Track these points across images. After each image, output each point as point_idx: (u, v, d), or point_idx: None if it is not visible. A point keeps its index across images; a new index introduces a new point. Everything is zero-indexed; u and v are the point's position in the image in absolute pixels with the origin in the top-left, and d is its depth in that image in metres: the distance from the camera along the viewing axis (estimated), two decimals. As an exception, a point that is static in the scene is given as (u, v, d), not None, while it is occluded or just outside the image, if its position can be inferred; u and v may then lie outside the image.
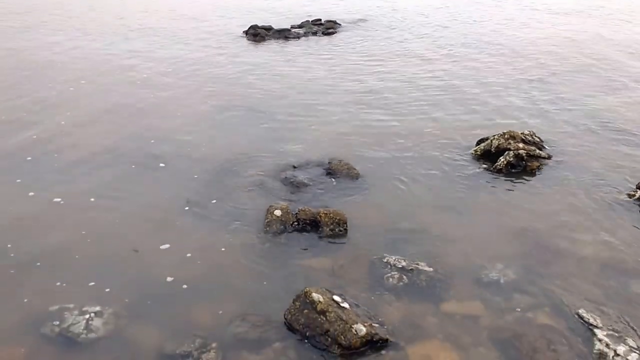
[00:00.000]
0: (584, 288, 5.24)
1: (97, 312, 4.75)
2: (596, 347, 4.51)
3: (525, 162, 7.48)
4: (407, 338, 4.65)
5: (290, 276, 5.39)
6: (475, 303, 5.08)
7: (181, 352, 4.39)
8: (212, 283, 5.28)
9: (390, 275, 5.38)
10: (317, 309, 4.66)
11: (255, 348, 4.52)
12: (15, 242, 5.68)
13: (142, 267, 5.46)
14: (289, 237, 6.00)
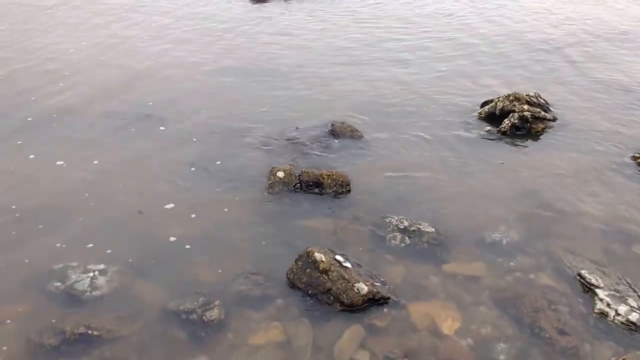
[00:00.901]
0: (586, 249, 5.24)
1: (101, 270, 4.77)
2: (597, 307, 4.53)
3: (530, 124, 7.39)
4: (408, 297, 4.67)
5: (292, 236, 5.39)
6: (477, 264, 5.08)
7: (185, 308, 4.41)
8: (215, 243, 5.29)
9: (393, 236, 5.38)
10: (320, 268, 4.67)
11: (257, 305, 4.55)
12: (18, 203, 5.67)
13: (145, 227, 5.46)
14: (291, 199, 5.98)
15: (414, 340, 4.26)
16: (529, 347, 4.21)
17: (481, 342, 4.26)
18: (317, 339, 4.24)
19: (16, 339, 4.09)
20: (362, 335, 4.29)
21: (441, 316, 4.48)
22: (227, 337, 4.25)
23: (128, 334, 4.21)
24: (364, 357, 4.11)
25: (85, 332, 4.14)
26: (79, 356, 3.99)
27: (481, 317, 4.50)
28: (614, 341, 4.26)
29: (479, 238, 5.40)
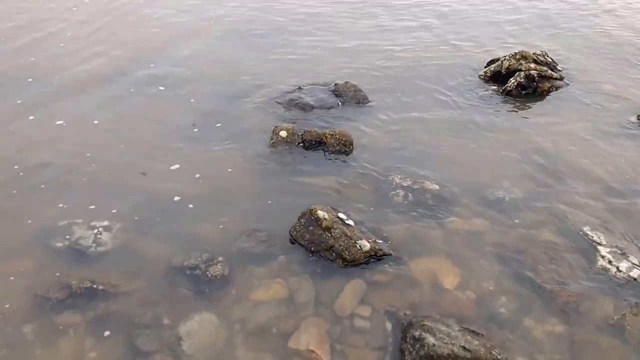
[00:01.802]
0: (589, 207, 5.23)
1: (105, 227, 4.80)
2: (598, 263, 4.54)
3: (536, 83, 7.29)
4: (410, 253, 4.69)
5: (295, 195, 5.38)
6: (480, 220, 5.08)
7: (189, 264, 4.45)
8: (218, 201, 5.29)
9: (396, 194, 5.38)
10: (322, 225, 4.68)
11: (260, 262, 4.58)
12: (19, 163, 5.66)
13: (149, 187, 5.45)
14: (294, 158, 5.96)
15: (415, 295, 4.30)
16: (530, 301, 4.24)
17: (482, 296, 4.29)
18: (319, 295, 4.28)
19: (22, 294, 4.14)
20: (364, 290, 4.33)
21: (442, 271, 4.51)
22: (231, 292, 4.29)
23: (133, 288, 4.26)
24: (365, 312, 4.15)
25: (91, 287, 4.19)
26: (84, 310, 4.04)
27: (482, 272, 4.52)
28: (615, 296, 4.28)
29: (482, 195, 5.39)
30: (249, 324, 4.03)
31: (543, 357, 3.83)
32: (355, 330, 4.00)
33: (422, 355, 3.55)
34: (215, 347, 3.83)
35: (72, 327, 3.91)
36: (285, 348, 3.83)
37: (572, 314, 4.14)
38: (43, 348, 3.75)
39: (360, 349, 3.86)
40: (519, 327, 4.03)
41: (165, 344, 3.82)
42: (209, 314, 4.07)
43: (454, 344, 3.59)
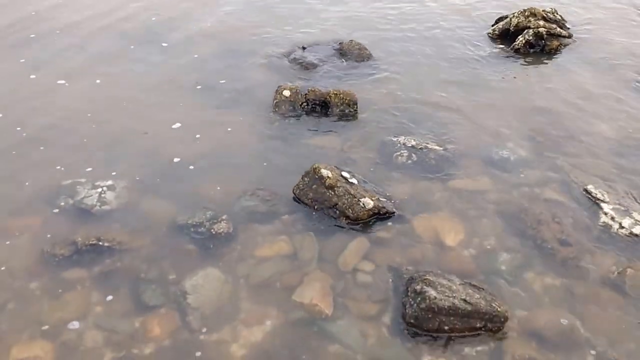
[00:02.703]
0: (594, 165, 5.27)
1: (109, 186, 4.88)
2: (601, 220, 4.61)
3: (545, 41, 7.25)
4: (413, 211, 4.77)
5: (298, 154, 5.44)
6: (484, 179, 5.14)
7: (193, 222, 4.54)
8: (222, 161, 5.35)
9: (400, 154, 5.42)
10: (326, 184, 4.74)
11: (264, 220, 4.66)
12: (22, 124, 5.73)
13: (152, 147, 5.51)
14: (297, 117, 6.00)
15: (418, 252, 4.39)
16: (531, 258, 4.33)
17: (483, 253, 4.38)
18: (322, 251, 4.37)
19: (29, 250, 4.25)
20: (367, 247, 4.42)
21: (445, 229, 4.59)
22: (235, 249, 4.39)
23: (138, 245, 4.36)
24: (367, 267, 4.25)
25: (97, 244, 4.29)
26: (90, 266, 4.15)
27: (485, 229, 4.60)
28: (617, 252, 4.36)
29: (486, 155, 5.44)
30: (253, 279, 4.13)
31: (543, 310, 3.93)
32: (358, 284, 4.10)
33: (423, 307, 3.66)
34: (220, 301, 3.95)
35: (78, 283, 4.03)
36: (289, 302, 3.94)
37: (573, 269, 4.23)
38: (51, 302, 3.87)
39: (363, 302, 3.97)
40: (519, 282, 4.13)
41: (171, 298, 3.94)
42: (214, 270, 4.18)
43: (454, 297, 3.69)
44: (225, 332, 3.74)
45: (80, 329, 3.69)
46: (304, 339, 3.71)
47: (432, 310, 3.65)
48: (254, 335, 3.73)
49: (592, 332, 3.79)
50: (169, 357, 3.55)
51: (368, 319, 3.86)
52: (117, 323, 3.75)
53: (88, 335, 3.66)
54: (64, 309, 3.82)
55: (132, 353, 3.56)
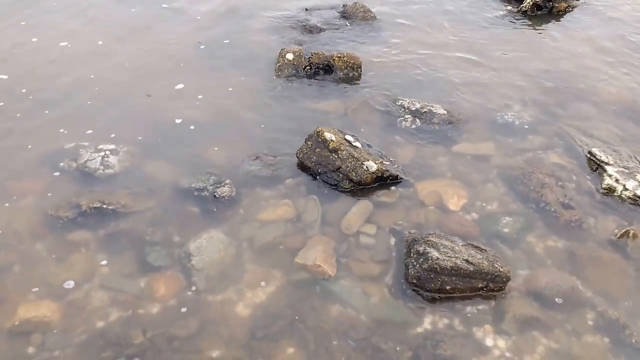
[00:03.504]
0: (600, 129, 5.30)
1: (112, 150, 4.93)
2: (605, 182, 4.66)
3: (553, 2, 7.19)
4: (417, 176, 4.82)
5: (302, 118, 5.47)
6: (488, 144, 5.18)
7: (196, 186, 4.59)
8: (225, 124, 5.39)
9: (404, 118, 5.45)
10: (329, 147, 4.78)
11: (267, 184, 4.72)
12: (25, 86, 5.75)
13: (155, 109, 5.54)
14: (301, 81, 6.01)
15: (421, 215, 4.45)
16: (533, 221, 4.39)
17: (486, 216, 4.44)
18: (325, 215, 4.44)
19: (33, 213, 4.32)
20: (370, 210, 4.48)
21: (448, 193, 4.64)
22: (238, 212, 4.46)
23: (142, 208, 4.43)
24: (370, 230, 4.31)
25: (101, 207, 4.36)
26: (95, 228, 4.23)
27: (488, 194, 4.65)
28: (619, 215, 4.43)
29: (491, 119, 5.46)
30: (256, 242, 4.21)
31: (544, 271, 4.02)
32: (361, 246, 4.18)
33: (426, 268, 3.74)
34: (224, 263, 4.03)
35: (83, 245, 4.11)
36: (292, 264, 4.03)
37: (575, 232, 4.30)
38: (57, 263, 3.96)
39: (365, 263, 4.05)
40: (521, 244, 4.21)
41: (176, 260, 4.03)
42: (218, 232, 4.25)
43: (457, 257, 3.77)
44: (229, 292, 3.84)
45: (86, 289, 3.79)
46: (307, 299, 3.80)
47: (434, 271, 3.73)
48: (258, 296, 3.82)
49: (593, 292, 3.88)
50: (175, 316, 3.64)
51: (371, 280, 3.95)
52: (123, 283, 3.85)
53: (94, 295, 3.76)
54: (69, 270, 3.91)
55: (138, 313, 3.66)
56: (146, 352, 3.40)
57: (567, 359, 3.51)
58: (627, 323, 3.69)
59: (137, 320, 3.60)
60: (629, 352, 3.56)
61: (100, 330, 3.52)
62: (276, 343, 3.53)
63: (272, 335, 3.57)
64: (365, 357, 3.45)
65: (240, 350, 3.47)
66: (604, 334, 3.66)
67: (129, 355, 3.38)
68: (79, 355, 3.37)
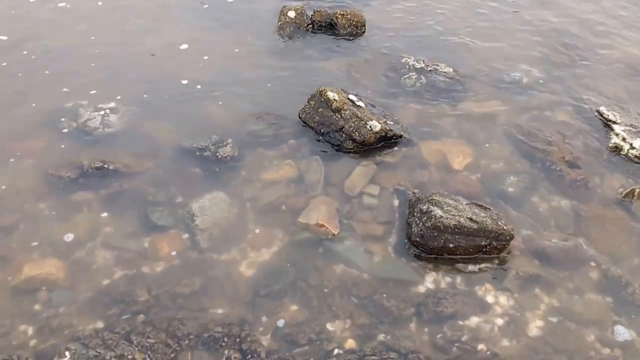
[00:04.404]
0: (608, 88, 5.29)
1: (112, 109, 4.96)
2: (612, 141, 4.68)
3: (564, -42, 7.06)
4: (421, 135, 4.84)
5: (304, 77, 5.46)
6: (494, 102, 5.18)
7: (198, 146, 4.63)
8: (227, 84, 5.40)
9: (408, 76, 5.44)
10: (332, 106, 4.79)
11: (270, 144, 4.76)
12: (24, 47, 5.74)
13: (157, 69, 5.55)
14: (303, 40, 5.98)
15: (424, 175, 4.49)
16: (539, 180, 4.44)
17: (491, 175, 4.49)
18: (328, 175, 4.49)
19: (35, 172, 4.38)
20: (373, 170, 4.52)
21: (453, 153, 4.68)
22: (241, 173, 4.51)
23: (144, 168, 4.48)
24: (373, 191, 4.37)
25: (102, 167, 4.41)
26: (97, 188, 4.29)
27: (493, 153, 4.69)
28: (625, 173, 4.47)
29: (497, 77, 5.45)
30: (259, 202, 4.27)
31: (548, 230, 4.08)
32: (364, 206, 4.24)
33: (429, 226, 3.80)
34: (227, 223, 4.10)
35: (86, 204, 4.18)
36: (295, 224, 4.09)
37: (580, 191, 4.35)
38: (60, 223, 4.03)
39: (368, 223, 4.12)
40: (526, 203, 4.26)
41: (179, 220, 4.10)
42: (220, 193, 4.31)
43: (460, 216, 3.83)
44: (233, 252, 3.92)
45: (90, 248, 3.88)
46: (311, 258, 3.89)
47: (437, 229, 3.79)
48: (261, 256, 3.90)
49: (596, 250, 3.95)
50: (180, 274, 3.73)
51: (374, 240, 4.02)
52: (127, 242, 3.93)
53: (98, 253, 3.84)
54: (73, 229, 3.98)
55: (142, 271, 3.75)
56: (151, 309, 3.50)
57: (569, 316, 3.59)
58: (630, 281, 3.77)
59: (142, 278, 3.70)
60: (632, 309, 3.65)
61: (105, 288, 3.62)
62: (279, 301, 3.62)
63: (276, 294, 3.66)
64: (367, 314, 3.55)
65: (244, 307, 3.57)
66: (607, 292, 3.74)
67: (134, 312, 3.48)
68: (84, 312, 3.47)
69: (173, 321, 3.42)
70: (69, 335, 3.34)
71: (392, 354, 3.27)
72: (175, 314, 3.48)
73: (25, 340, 3.32)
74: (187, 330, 3.38)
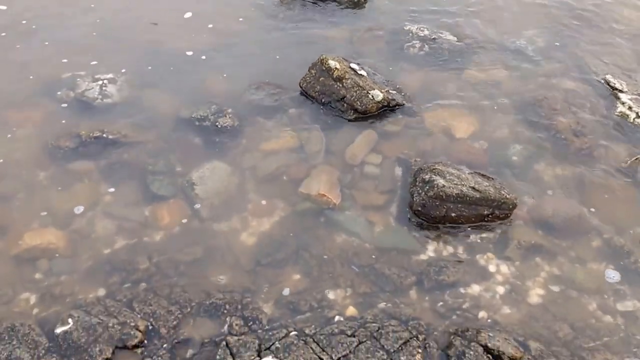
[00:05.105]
0: (615, 56, 5.29)
1: (110, 79, 4.98)
2: (618, 110, 4.69)
3: None
4: (424, 104, 4.86)
5: (306, 47, 5.46)
6: (499, 70, 5.19)
7: (197, 116, 4.65)
8: (227, 53, 5.40)
9: (411, 45, 5.43)
10: (334, 75, 4.79)
11: (270, 114, 4.78)
12: (25, 17, 5.73)
13: (157, 38, 5.55)
14: (305, 9, 5.96)
15: (427, 144, 4.52)
16: (543, 148, 4.47)
17: (495, 144, 4.51)
18: (330, 145, 4.52)
19: (34, 142, 4.42)
20: (375, 139, 4.55)
21: (456, 121, 4.69)
22: (241, 142, 4.54)
23: (144, 139, 4.52)
24: (375, 159, 4.40)
25: (101, 136, 4.45)
26: (96, 158, 4.34)
27: (497, 121, 4.70)
28: (630, 142, 4.49)
29: (503, 45, 5.44)
30: (259, 172, 4.31)
31: (552, 199, 4.12)
32: (366, 176, 4.28)
33: (431, 195, 3.84)
34: (227, 192, 4.15)
35: (85, 174, 4.23)
36: (296, 193, 4.14)
37: (585, 159, 4.38)
38: (60, 192, 4.09)
39: (370, 193, 4.16)
40: (530, 172, 4.30)
41: (179, 189, 4.15)
42: (220, 163, 4.35)
43: (463, 185, 3.86)
44: (234, 221, 3.97)
45: (91, 217, 3.93)
46: (312, 228, 3.94)
47: (439, 198, 3.83)
48: (262, 225, 3.96)
49: (600, 219, 3.99)
50: (181, 243, 3.80)
51: (375, 209, 4.07)
52: (127, 212, 3.98)
53: (99, 223, 3.90)
54: (73, 198, 4.04)
55: (144, 240, 3.82)
56: (152, 276, 3.57)
57: (570, 285, 3.65)
58: (633, 250, 3.82)
59: (143, 246, 3.76)
60: (634, 278, 3.70)
61: (106, 257, 3.69)
62: (281, 269, 3.69)
63: (277, 262, 3.72)
64: (368, 282, 3.61)
65: (245, 275, 3.63)
66: (609, 261, 3.79)
67: (136, 280, 3.55)
68: (86, 280, 3.54)
69: (175, 288, 3.50)
70: (70, 302, 3.41)
71: (392, 321, 3.34)
72: (176, 282, 3.55)
73: (28, 307, 3.40)
74: (188, 298, 3.45)
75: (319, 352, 3.11)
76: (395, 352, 3.14)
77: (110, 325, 3.24)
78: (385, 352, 3.13)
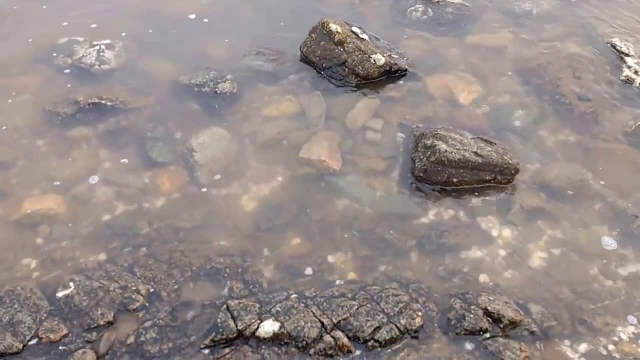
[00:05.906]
0: (621, 19, 5.26)
1: (107, 45, 4.97)
2: (624, 74, 4.68)
3: None
4: (426, 69, 4.85)
5: (306, 11, 5.44)
6: (503, 34, 5.17)
7: (196, 82, 4.66)
8: (226, 17, 5.39)
9: (415, 9, 5.40)
10: (335, 39, 4.77)
11: (270, 80, 4.78)
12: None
13: (156, 3, 5.52)
14: (305, -30, 5.90)
15: (430, 109, 4.53)
16: (547, 114, 4.47)
17: (497, 110, 4.52)
18: (330, 110, 4.53)
19: (31, 109, 4.45)
20: (377, 105, 4.56)
21: (459, 87, 4.70)
22: (241, 109, 4.55)
23: (142, 105, 4.53)
24: (377, 125, 4.41)
25: (99, 103, 4.46)
26: (95, 124, 4.36)
27: (501, 86, 4.70)
28: (636, 106, 4.50)
29: (506, 9, 5.41)
30: (259, 138, 4.33)
31: (555, 164, 4.15)
32: (367, 141, 4.30)
33: (433, 161, 3.87)
34: (227, 159, 4.18)
35: (84, 140, 4.26)
36: (296, 159, 4.17)
37: (590, 124, 4.39)
38: (59, 159, 4.12)
39: (371, 158, 4.19)
40: (533, 137, 4.32)
41: (179, 156, 4.18)
42: (220, 129, 4.37)
43: (465, 150, 3.88)
44: (234, 187, 4.01)
45: (91, 183, 3.97)
46: (313, 193, 3.98)
47: (441, 163, 3.86)
48: (262, 191, 3.99)
49: (604, 184, 4.02)
50: (180, 209, 3.84)
51: (376, 174, 4.10)
52: (127, 178, 4.02)
53: (99, 189, 3.94)
54: (72, 165, 4.08)
55: (143, 206, 3.86)
56: (153, 242, 3.62)
57: (572, 248, 3.70)
58: (637, 214, 3.85)
59: (143, 212, 3.81)
60: (637, 242, 3.74)
61: (107, 222, 3.74)
62: (281, 234, 3.73)
63: (277, 228, 3.77)
64: (369, 247, 3.66)
65: (246, 240, 3.68)
66: (612, 224, 3.83)
67: (136, 245, 3.60)
68: (86, 246, 3.60)
69: (175, 253, 3.55)
70: (71, 267, 3.47)
71: (393, 284, 3.40)
72: (177, 247, 3.60)
73: (29, 272, 3.46)
74: (189, 262, 3.51)
75: (319, 315, 3.17)
76: (395, 315, 3.20)
77: (111, 289, 3.31)
78: (385, 315, 3.19)
